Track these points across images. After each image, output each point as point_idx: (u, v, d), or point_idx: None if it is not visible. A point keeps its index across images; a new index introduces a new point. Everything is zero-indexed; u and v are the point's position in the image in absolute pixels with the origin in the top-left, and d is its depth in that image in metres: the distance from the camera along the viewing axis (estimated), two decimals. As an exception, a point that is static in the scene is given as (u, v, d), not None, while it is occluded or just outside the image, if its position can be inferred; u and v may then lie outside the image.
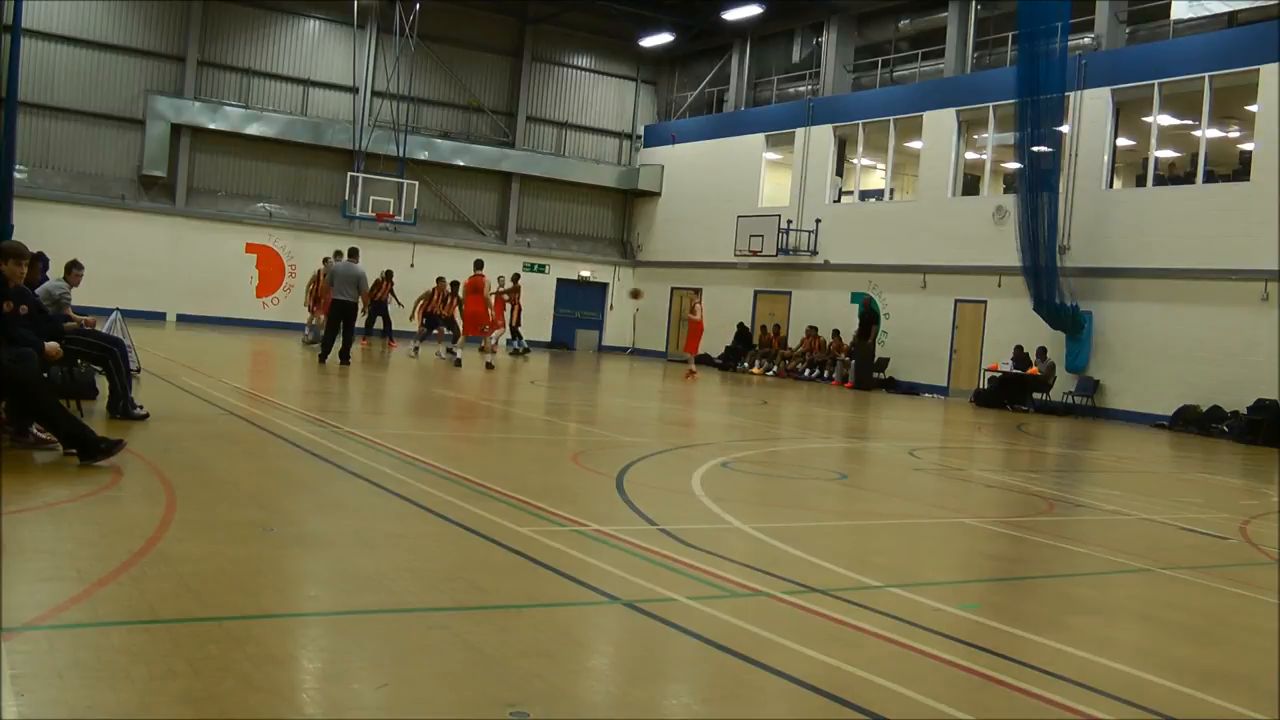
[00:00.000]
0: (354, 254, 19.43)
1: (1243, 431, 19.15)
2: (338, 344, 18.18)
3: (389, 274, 27.02)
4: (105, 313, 13.33)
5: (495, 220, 34.70)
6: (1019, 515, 8.82)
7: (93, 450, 6.96)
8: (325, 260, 23.27)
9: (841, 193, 30.12)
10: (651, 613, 4.70)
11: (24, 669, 3.38)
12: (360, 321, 26.01)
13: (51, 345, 7.82)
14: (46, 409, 7.09)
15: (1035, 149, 22.46)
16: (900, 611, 5.02)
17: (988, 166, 26.65)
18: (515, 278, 27.36)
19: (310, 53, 31.61)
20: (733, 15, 31.12)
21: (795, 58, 32.54)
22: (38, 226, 21.74)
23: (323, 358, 18.18)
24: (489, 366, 20.53)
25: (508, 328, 25.95)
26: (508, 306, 26.02)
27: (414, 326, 25.16)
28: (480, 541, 5.86)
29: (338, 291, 18.23)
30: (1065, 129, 23.21)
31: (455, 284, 23.77)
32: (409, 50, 31.28)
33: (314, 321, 23.78)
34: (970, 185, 27.72)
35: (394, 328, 26.38)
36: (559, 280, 34.79)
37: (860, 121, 28.94)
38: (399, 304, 28.92)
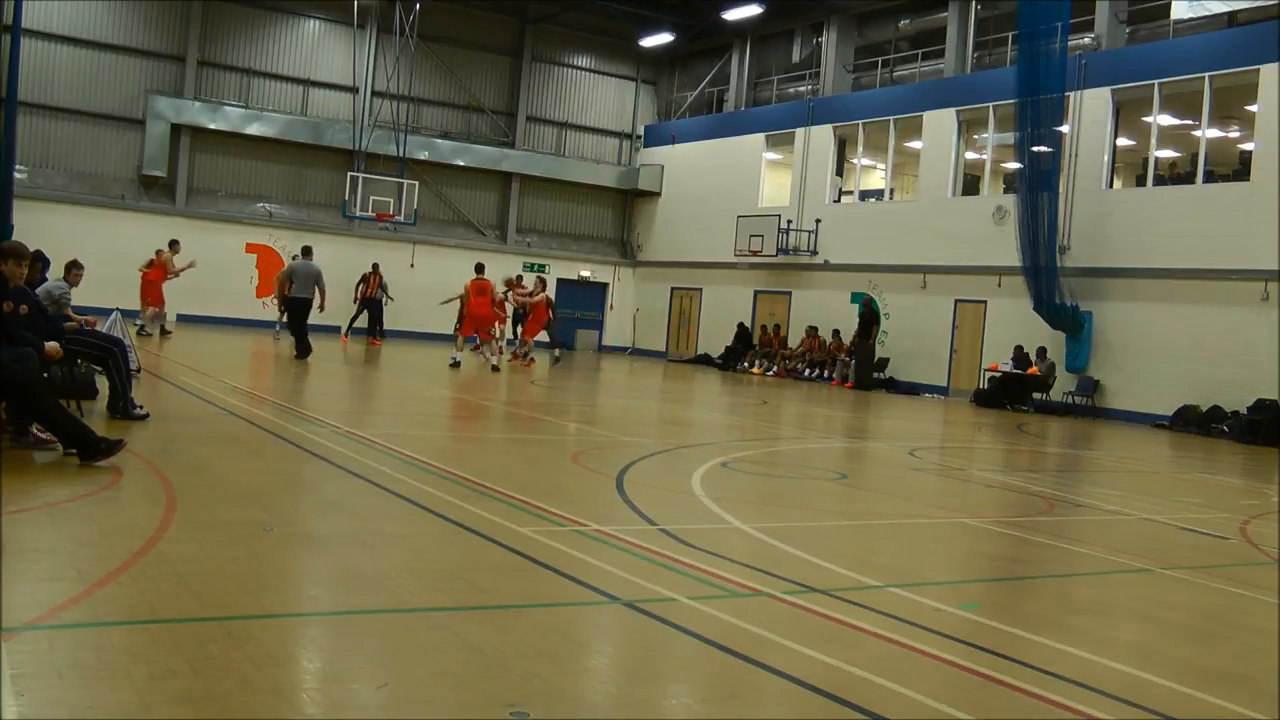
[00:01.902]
0: (308, 252, 19.95)
1: (1243, 431, 19.14)
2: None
3: (376, 267, 27.15)
4: (105, 313, 13.33)
5: (495, 220, 34.69)
6: (1019, 515, 8.82)
7: (93, 450, 6.96)
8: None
9: (841, 193, 30.11)
10: (652, 613, 4.70)
11: (24, 669, 3.38)
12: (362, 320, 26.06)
13: (51, 345, 7.83)
14: (47, 409, 7.09)
15: (1035, 149, 22.45)
16: (900, 611, 5.02)
17: (988, 166, 26.65)
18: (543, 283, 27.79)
19: (310, 53, 31.60)
20: (733, 15, 31.10)
21: (795, 58, 32.54)
22: (38, 226, 21.70)
23: (300, 354, 18.45)
24: (495, 369, 20.62)
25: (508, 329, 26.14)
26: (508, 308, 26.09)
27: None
28: (480, 541, 5.86)
29: (298, 290, 18.60)
30: (1065, 129, 23.21)
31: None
32: (409, 50, 31.26)
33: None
34: (970, 185, 27.71)
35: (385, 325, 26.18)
36: (559, 280, 34.76)
37: (860, 121, 28.93)
38: (389, 299, 28.98)
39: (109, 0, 29.00)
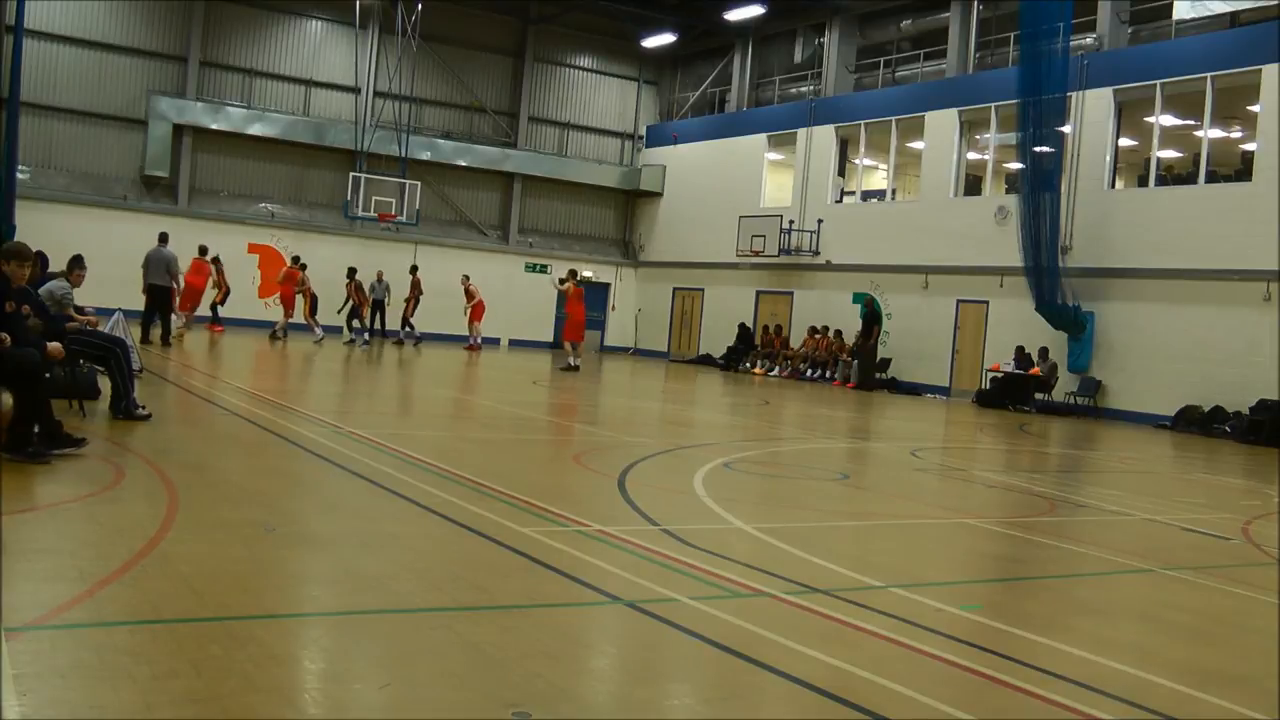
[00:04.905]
0: (164, 239, 20.06)
1: (1244, 432, 19.13)
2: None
3: (296, 259, 26.59)
4: (107, 313, 13.34)
5: (497, 220, 34.69)
6: (1021, 515, 8.81)
7: (29, 449, 6.90)
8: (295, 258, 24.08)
9: (843, 193, 30.10)
10: (653, 613, 4.71)
11: (26, 669, 3.39)
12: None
13: (54, 345, 7.83)
14: (41, 400, 7.09)
15: (1037, 149, 22.43)
16: (902, 612, 5.02)
17: (990, 167, 26.62)
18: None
19: (312, 53, 31.61)
20: (734, 15, 31.09)
21: (797, 58, 32.52)
22: (40, 227, 21.71)
23: (143, 338, 18.49)
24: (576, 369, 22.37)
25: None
26: None
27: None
28: (482, 542, 5.87)
29: (152, 277, 18.90)
30: (1067, 129, 23.19)
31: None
32: (411, 50, 31.28)
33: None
34: (972, 185, 27.69)
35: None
36: (561, 280, 34.71)
37: (862, 122, 28.92)
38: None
39: (111, 0, 29.02)
